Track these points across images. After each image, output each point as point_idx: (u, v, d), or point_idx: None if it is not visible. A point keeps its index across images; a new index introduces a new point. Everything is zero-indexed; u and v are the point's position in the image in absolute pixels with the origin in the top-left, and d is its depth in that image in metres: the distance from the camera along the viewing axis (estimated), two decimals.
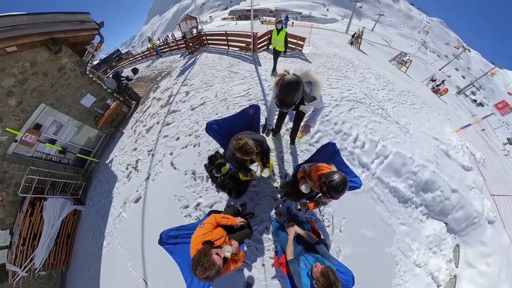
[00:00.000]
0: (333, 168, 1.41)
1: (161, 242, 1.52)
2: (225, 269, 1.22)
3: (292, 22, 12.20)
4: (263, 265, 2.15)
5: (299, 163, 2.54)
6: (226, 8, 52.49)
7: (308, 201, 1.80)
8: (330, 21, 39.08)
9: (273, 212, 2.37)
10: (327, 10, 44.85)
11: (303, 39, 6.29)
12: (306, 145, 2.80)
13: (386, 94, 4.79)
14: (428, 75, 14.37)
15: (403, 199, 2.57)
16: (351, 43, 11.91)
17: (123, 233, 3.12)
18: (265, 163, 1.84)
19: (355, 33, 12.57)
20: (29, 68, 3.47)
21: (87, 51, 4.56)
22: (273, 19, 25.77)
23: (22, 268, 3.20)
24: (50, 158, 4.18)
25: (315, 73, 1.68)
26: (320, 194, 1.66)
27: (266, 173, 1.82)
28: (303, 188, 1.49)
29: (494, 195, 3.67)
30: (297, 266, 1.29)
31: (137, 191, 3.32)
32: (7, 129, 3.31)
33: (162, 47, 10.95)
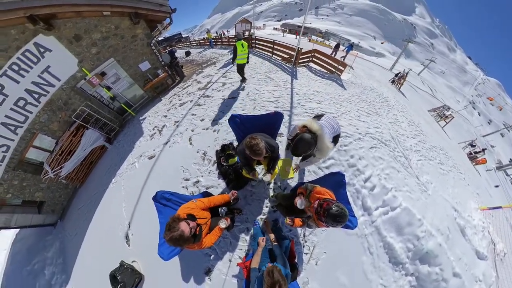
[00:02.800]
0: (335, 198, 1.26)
1: (155, 198, 1.54)
2: (198, 245, 1.22)
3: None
4: (230, 260, 2.06)
5: (302, 181, 2.35)
6: (280, 20, 52.41)
7: (295, 230, 1.63)
8: (378, 55, 36.11)
9: (259, 217, 2.24)
10: (382, 43, 41.43)
11: (344, 65, 5.86)
12: (315, 167, 2.57)
13: (415, 144, 4.16)
14: (468, 138, 12.18)
15: (395, 260, 2.15)
16: (393, 81, 10.76)
17: (130, 179, 3.33)
18: (270, 168, 1.74)
19: (400, 72, 11.32)
20: (113, 30, 4.02)
21: (156, 28, 4.98)
22: (320, 39, 24.72)
23: (52, 171, 3.70)
24: (102, 100, 4.69)
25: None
26: (309, 216, 1.48)
27: (267, 178, 1.71)
28: (298, 203, 1.36)
29: None
30: (256, 273, 1.20)
31: (154, 150, 3.50)
32: (83, 69, 3.88)
33: (215, 40, 11.32)
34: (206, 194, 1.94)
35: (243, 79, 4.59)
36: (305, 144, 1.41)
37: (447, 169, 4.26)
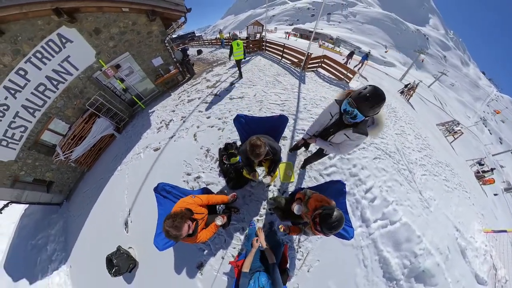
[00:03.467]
0: (334, 205, 1.21)
1: (156, 189, 1.56)
2: (193, 239, 1.24)
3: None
4: (223, 258, 2.05)
5: (302, 186, 2.31)
6: (292, 25, 51.91)
7: (291, 225, 1.59)
8: (387, 64, 35.21)
9: (256, 218, 2.22)
10: (386, 51, 40.27)
11: (353, 73, 5.74)
12: (316, 174, 2.52)
13: (420, 157, 4.01)
14: (477, 156, 11.61)
15: (389, 275, 2.07)
16: (402, 92, 10.44)
17: (134, 168, 3.40)
18: (270, 171, 1.71)
19: (409, 83, 10.97)
20: (130, 25, 4.13)
21: (171, 26, 5.05)
22: (331, 45, 24.46)
23: (64, 153, 3.86)
24: (115, 91, 4.83)
25: None
26: (306, 223, 1.44)
27: (267, 180, 1.69)
28: (295, 208, 1.32)
29: None
30: (247, 281, 1.16)
31: (159, 143, 3.54)
32: (100, 60, 4.01)
33: (227, 40, 11.26)
34: (205, 191, 1.95)
35: (240, 75, 5.05)
36: (379, 95, 0.98)
37: (452, 187, 4.07)
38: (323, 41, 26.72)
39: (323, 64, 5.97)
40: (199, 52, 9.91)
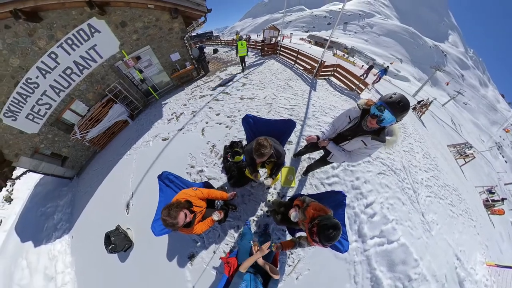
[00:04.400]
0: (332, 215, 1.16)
1: (160, 177, 1.58)
2: (189, 230, 1.24)
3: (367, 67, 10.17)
4: (214, 252, 2.05)
5: (302, 193, 2.26)
6: (307, 31, 51.31)
7: (284, 240, 1.53)
8: (401, 78, 33.86)
9: (252, 218, 2.20)
10: (391, 63, 38.27)
11: (365, 84, 5.58)
12: (318, 182, 2.46)
13: (427, 178, 3.81)
14: (488, 183, 10.83)
15: None
16: (414, 108, 9.97)
17: (142, 154, 3.49)
18: (272, 173, 1.70)
19: (423, 100, 10.48)
20: (154, 21, 4.29)
21: (191, 24, 5.16)
22: (345, 55, 24.01)
23: (80, 133, 4.09)
24: (133, 81, 5.02)
25: None
26: (301, 235, 1.41)
27: (268, 182, 1.66)
28: (292, 215, 1.28)
29: None
30: (239, 281, 1.13)
31: (168, 134, 3.62)
32: (123, 51, 4.20)
33: None
34: (207, 185, 1.96)
35: (243, 69, 5.74)
36: (406, 104, 1.02)
37: (457, 212, 3.83)
38: (337, 50, 26.20)
39: (335, 73, 5.85)
40: (215, 51, 10.06)
